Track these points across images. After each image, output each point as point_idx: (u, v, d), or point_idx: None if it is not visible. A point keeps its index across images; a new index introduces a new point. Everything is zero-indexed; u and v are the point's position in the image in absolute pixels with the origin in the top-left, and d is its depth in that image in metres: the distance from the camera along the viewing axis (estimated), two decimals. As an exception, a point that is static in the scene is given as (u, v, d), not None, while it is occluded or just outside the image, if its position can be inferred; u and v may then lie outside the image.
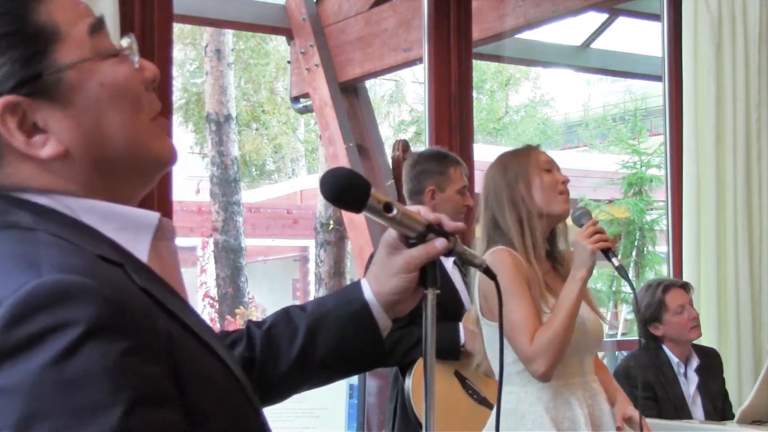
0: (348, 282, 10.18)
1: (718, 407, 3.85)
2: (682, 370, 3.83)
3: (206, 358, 0.96)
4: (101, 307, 0.83)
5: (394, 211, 1.19)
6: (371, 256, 2.95)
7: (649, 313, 3.80)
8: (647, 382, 3.73)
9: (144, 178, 1.04)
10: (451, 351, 3.18)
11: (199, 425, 0.90)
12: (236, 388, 1.00)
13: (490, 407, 3.15)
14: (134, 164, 1.01)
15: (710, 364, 3.91)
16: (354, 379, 2.83)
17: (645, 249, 12.67)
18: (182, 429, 0.86)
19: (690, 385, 3.84)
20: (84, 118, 0.97)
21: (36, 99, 0.95)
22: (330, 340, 1.24)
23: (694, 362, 3.85)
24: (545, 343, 2.43)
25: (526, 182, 2.62)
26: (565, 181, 2.65)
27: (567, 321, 2.45)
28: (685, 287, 3.88)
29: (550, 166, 2.66)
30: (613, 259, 2.49)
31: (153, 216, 1.01)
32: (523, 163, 2.65)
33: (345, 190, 1.18)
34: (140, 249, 0.98)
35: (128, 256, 0.96)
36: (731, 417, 3.70)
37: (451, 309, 3.22)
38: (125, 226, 0.98)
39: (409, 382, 3.18)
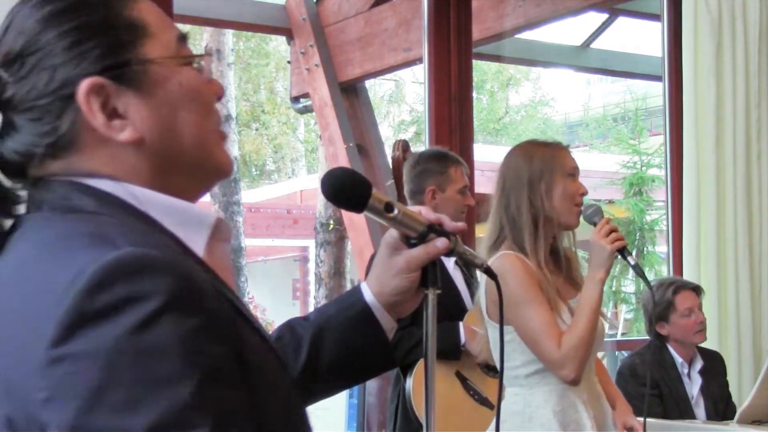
0: (348, 282, 10.19)
1: (720, 409, 3.85)
2: (686, 371, 3.84)
3: (261, 346, 0.99)
4: (178, 283, 0.85)
5: (395, 211, 1.19)
6: (372, 257, 2.95)
7: (657, 311, 3.80)
8: (653, 380, 3.73)
9: (202, 182, 1.07)
10: (452, 351, 3.17)
11: (258, 409, 0.92)
12: (286, 376, 1.04)
13: (491, 407, 3.15)
14: (197, 165, 1.04)
15: (713, 366, 3.91)
16: (354, 379, 2.83)
17: (645, 249, 12.67)
18: (246, 410, 0.88)
19: (693, 386, 3.84)
20: (161, 111, 1.00)
21: (120, 85, 0.98)
22: (334, 346, 1.24)
23: (698, 364, 3.85)
24: (573, 348, 2.40)
25: (548, 183, 2.53)
26: (584, 193, 2.57)
27: (591, 323, 2.43)
28: (697, 291, 3.87)
29: (575, 173, 2.58)
30: (629, 258, 2.46)
31: (212, 215, 1.03)
32: (550, 162, 2.56)
33: (346, 190, 1.18)
34: (197, 246, 1.00)
35: (187, 250, 0.98)
36: (733, 418, 3.71)
37: (452, 309, 3.22)
38: (185, 221, 1.00)
39: (410, 383, 3.18)
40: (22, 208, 1.00)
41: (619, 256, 2.48)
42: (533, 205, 2.53)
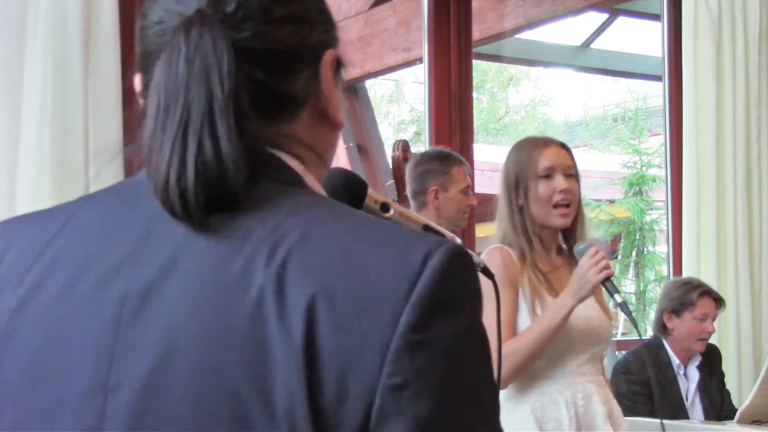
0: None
1: (717, 405, 3.85)
2: (682, 372, 3.84)
3: None
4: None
5: (391, 212, 1.19)
6: None
7: (674, 304, 3.81)
8: (645, 378, 3.74)
9: None
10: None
11: None
12: None
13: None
14: (323, 176, 0.99)
15: (711, 360, 3.92)
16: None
17: (645, 249, 12.67)
18: None
19: (690, 383, 3.84)
20: (339, 105, 0.96)
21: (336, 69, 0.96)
22: None
23: (696, 360, 3.86)
24: (508, 355, 2.36)
25: (524, 189, 2.54)
26: (564, 190, 2.53)
27: (539, 340, 2.40)
28: (719, 303, 3.88)
29: (550, 172, 2.54)
30: (615, 296, 2.39)
31: None
32: (524, 166, 2.56)
33: (341, 190, 1.18)
34: None
35: None
36: (731, 411, 3.71)
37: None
38: None
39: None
40: None
41: (604, 289, 2.44)
42: (512, 211, 2.55)
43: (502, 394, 2.46)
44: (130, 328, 0.81)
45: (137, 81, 0.93)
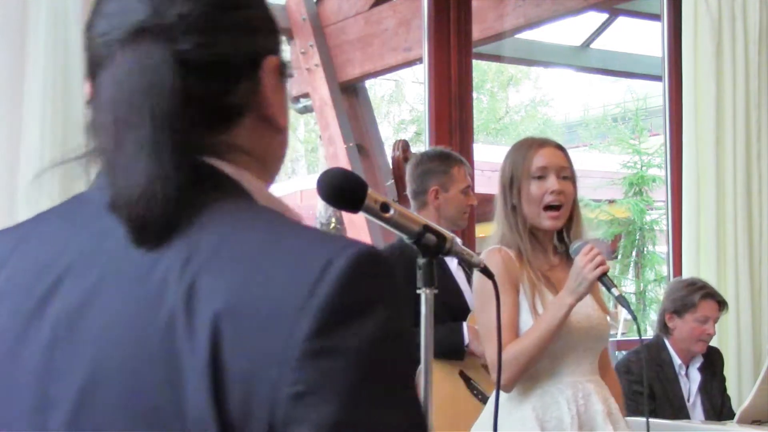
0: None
1: (717, 406, 3.85)
2: (683, 372, 3.84)
3: None
4: (398, 283, 0.84)
5: (391, 212, 1.19)
6: None
7: (676, 305, 3.81)
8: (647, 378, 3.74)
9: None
10: (455, 351, 3.17)
11: None
12: None
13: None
14: (274, 179, 1.01)
15: (712, 363, 3.92)
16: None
17: (645, 249, 12.67)
18: None
19: (692, 383, 3.85)
20: (285, 110, 0.97)
21: (280, 74, 0.96)
22: None
23: (697, 361, 3.86)
24: (513, 357, 2.39)
25: (518, 189, 2.55)
26: (555, 191, 2.53)
27: (541, 341, 2.41)
28: (722, 305, 3.88)
29: (543, 173, 2.55)
30: (613, 290, 2.40)
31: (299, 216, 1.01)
32: (517, 167, 2.57)
33: (342, 190, 1.18)
34: None
35: None
36: (730, 414, 3.71)
37: (456, 309, 3.22)
38: None
39: (412, 383, 3.18)
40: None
41: (602, 285, 2.45)
42: (507, 211, 2.56)
43: (503, 395, 2.46)
44: (64, 348, 0.84)
45: (86, 89, 0.95)
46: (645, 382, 3.65)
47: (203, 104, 0.89)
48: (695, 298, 3.80)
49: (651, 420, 3.28)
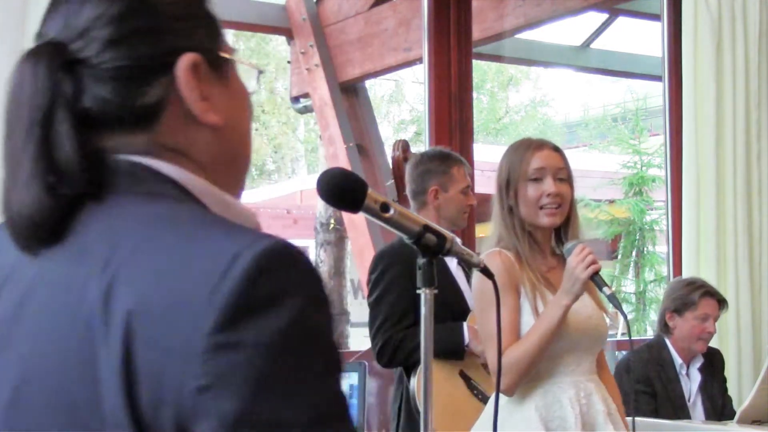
0: (348, 282, 10.18)
1: (718, 407, 3.86)
2: (684, 371, 3.84)
3: None
4: (319, 277, 0.85)
5: (391, 212, 1.19)
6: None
7: (676, 303, 3.82)
8: (647, 377, 3.75)
9: (234, 195, 1.04)
10: (455, 351, 3.17)
11: None
12: None
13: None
14: (242, 175, 1.03)
15: (713, 363, 3.92)
16: (354, 379, 2.83)
17: (645, 249, 12.67)
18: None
19: (692, 383, 3.85)
20: (235, 105, 1.00)
21: (210, 70, 0.97)
22: None
23: (698, 362, 3.86)
24: (512, 362, 2.40)
25: (514, 190, 2.56)
26: (551, 194, 2.53)
27: (540, 343, 2.43)
28: (721, 304, 3.88)
29: (540, 174, 2.56)
30: (604, 288, 2.42)
31: (255, 215, 1.01)
32: (514, 168, 2.58)
33: (342, 190, 1.18)
34: None
35: None
36: (731, 414, 3.71)
37: (456, 309, 3.22)
38: (238, 220, 0.97)
39: (413, 383, 3.18)
40: None
41: (594, 284, 2.46)
42: (504, 211, 2.57)
43: (504, 396, 2.47)
44: (2, 354, 0.89)
45: None
46: (633, 384, 3.66)
47: (113, 108, 0.92)
48: (695, 296, 3.81)
49: (652, 420, 3.29)
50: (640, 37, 8.77)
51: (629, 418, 2.59)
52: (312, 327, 0.82)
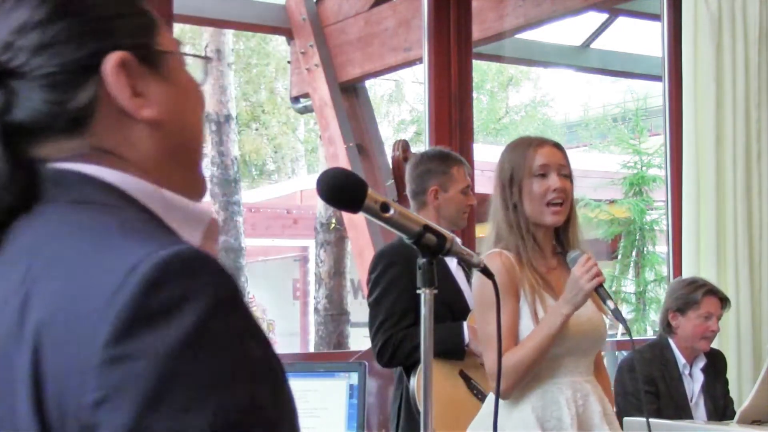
0: (348, 282, 10.18)
1: (720, 407, 3.85)
2: (687, 371, 3.84)
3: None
4: (228, 282, 0.84)
5: (391, 212, 1.19)
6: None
7: (679, 303, 3.82)
8: (651, 376, 3.74)
9: (190, 190, 1.04)
10: (455, 351, 3.17)
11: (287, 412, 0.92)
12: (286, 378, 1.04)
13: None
14: (194, 167, 1.03)
15: (715, 364, 3.92)
16: (354, 379, 2.83)
17: (645, 249, 12.67)
18: (294, 408, 0.88)
19: (695, 383, 3.85)
20: (177, 98, 0.99)
21: (143, 65, 0.97)
22: None
23: (701, 362, 3.86)
24: (511, 366, 2.41)
25: (518, 187, 2.56)
26: (557, 189, 2.54)
27: (538, 350, 2.43)
28: (724, 302, 3.88)
29: (545, 170, 2.56)
30: (608, 302, 2.42)
31: (208, 213, 1.00)
32: (518, 164, 2.57)
33: (342, 191, 1.18)
34: (194, 243, 0.97)
35: None
36: (733, 416, 3.71)
37: (456, 309, 3.22)
38: (185, 219, 0.97)
39: (413, 382, 3.18)
40: None
41: (601, 299, 2.46)
42: (508, 209, 2.56)
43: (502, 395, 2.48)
44: None
45: None
46: (641, 384, 3.65)
47: (43, 114, 0.92)
48: (698, 295, 3.81)
49: (652, 420, 3.29)
50: (640, 37, 8.77)
51: (643, 419, 2.58)
52: (217, 333, 0.81)
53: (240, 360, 0.82)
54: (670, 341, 3.85)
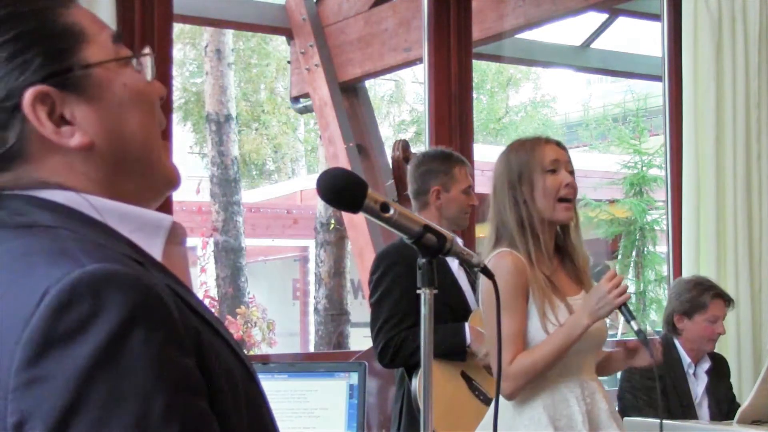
0: (348, 282, 10.18)
1: (724, 410, 3.85)
2: (692, 371, 3.83)
3: (225, 352, 0.98)
4: (142, 297, 0.85)
5: (391, 212, 1.19)
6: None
7: (685, 307, 3.79)
8: (659, 374, 3.73)
9: (152, 191, 1.06)
10: (457, 351, 3.17)
11: (225, 417, 0.93)
12: (251, 378, 1.03)
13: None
14: (147, 168, 1.04)
15: (719, 368, 3.91)
16: (354, 379, 2.83)
17: (645, 249, 12.67)
18: (214, 421, 0.89)
19: (699, 384, 3.84)
20: (108, 114, 1.00)
21: (65, 92, 0.98)
22: None
23: (705, 364, 3.85)
24: (521, 370, 2.42)
25: (529, 183, 2.54)
26: (569, 184, 2.54)
27: (553, 356, 2.44)
28: (728, 303, 3.87)
29: (556, 166, 2.55)
30: (632, 323, 2.40)
31: (167, 219, 1.02)
32: (528, 161, 2.56)
33: (342, 191, 1.18)
34: (155, 251, 1.00)
35: (146, 256, 0.98)
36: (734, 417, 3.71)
37: (457, 310, 3.21)
38: (141, 227, 0.99)
39: (415, 383, 3.18)
40: None
41: (622, 316, 2.45)
42: (518, 206, 2.54)
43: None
44: None
45: None
46: (667, 379, 3.65)
47: None
48: (705, 299, 3.78)
49: (652, 420, 3.29)
50: (640, 37, 8.77)
51: (656, 420, 2.59)
52: (130, 347, 0.83)
53: (155, 372, 0.83)
54: (675, 341, 3.84)
